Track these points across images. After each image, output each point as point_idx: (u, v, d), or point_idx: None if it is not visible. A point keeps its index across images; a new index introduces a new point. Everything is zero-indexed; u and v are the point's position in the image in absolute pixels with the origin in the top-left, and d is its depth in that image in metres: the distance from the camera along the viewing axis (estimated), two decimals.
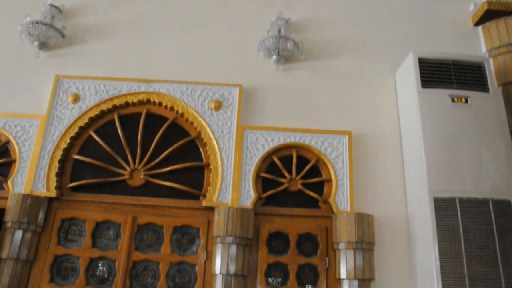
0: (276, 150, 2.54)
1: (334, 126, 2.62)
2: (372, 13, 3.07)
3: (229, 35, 2.93)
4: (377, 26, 3.02)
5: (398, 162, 2.61)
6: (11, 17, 2.99)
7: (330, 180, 2.48)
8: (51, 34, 2.81)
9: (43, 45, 2.83)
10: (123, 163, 2.54)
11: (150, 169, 2.54)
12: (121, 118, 2.64)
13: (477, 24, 3.08)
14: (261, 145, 2.52)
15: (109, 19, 2.98)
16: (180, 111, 2.62)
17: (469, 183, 2.33)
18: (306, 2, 3.07)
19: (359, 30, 2.99)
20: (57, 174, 2.50)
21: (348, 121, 2.65)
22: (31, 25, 2.77)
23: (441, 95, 2.53)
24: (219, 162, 2.49)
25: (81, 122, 2.61)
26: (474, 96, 2.53)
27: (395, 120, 2.71)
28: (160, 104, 2.66)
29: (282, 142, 2.54)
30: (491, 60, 2.94)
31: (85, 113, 2.64)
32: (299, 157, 2.54)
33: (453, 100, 2.52)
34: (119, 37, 2.93)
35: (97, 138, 2.58)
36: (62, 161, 2.54)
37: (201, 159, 2.56)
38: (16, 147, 2.58)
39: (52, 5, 2.89)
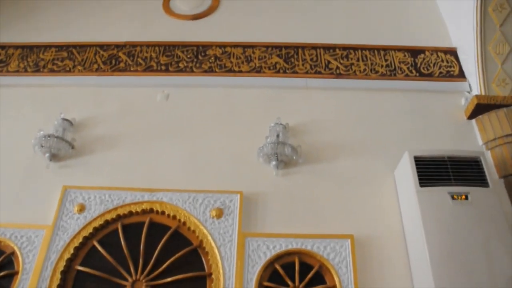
0: (278, 257, 2.52)
1: (336, 229, 2.62)
2: (366, 114, 3.20)
3: (229, 143, 3.04)
4: (372, 127, 3.12)
5: (404, 264, 2.55)
6: (26, 130, 3.16)
7: (334, 287, 2.43)
8: (62, 146, 2.95)
9: (54, 157, 2.96)
10: (125, 274, 2.54)
11: (152, 279, 2.52)
12: (124, 227, 2.68)
13: (470, 117, 3.16)
14: (262, 253, 2.52)
15: (115, 131, 3.14)
16: (182, 220, 2.66)
17: (482, 280, 2.25)
18: (303, 107, 3.22)
19: (355, 131, 3.10)
20: (59, 286, 2.49)
21: (350, 224, 2.65)
22: (43, 138, 2.92)
23: (440, 193, 2.53)
24: (221, 271, 2.47)
25: (86, 232, 2.65)
26: (474, 192, 2.53)
27: (398, 220, 2.70)
28: (163, 213, 2.70)
29: (284, 248, 2.53)
30: (488, 153, 2.98)
31: (89, 223, 2.69)
32: (302, 264, 2.51)
33: (452, 197, 2.52)
34: (124, 148, 3.06)
35: (100, 249, 2.61)
36: (64, 273, 2.54)
37: (203, 268, 2.54)
38: (20, 258, 2.59)
39: (64, 119, 3.07)
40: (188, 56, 3.50)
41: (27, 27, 3.94)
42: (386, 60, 3.47)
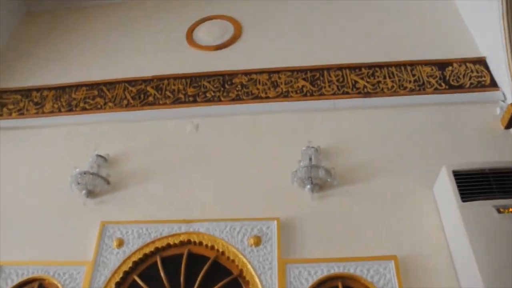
0: (320, 283, 2.45)
1: (378, 251, 2.54)
2: (398, 131, 3.14)
3: (261, 169, 3.02)
4: (405, 143, 3.06)
5: (452, 282, 2.44)
6: (62, 168, 3.23)
7: None
8: (97, 182, 3.00)
9: (90, 193, 3.00)
10: None
11: None
12: (163, 260, 2.67)
13: (507, 127, 3.07)
14: (304, 279, 2.46)
15: (148, 164, 3.17)
16: (220, 250, 2.63)
17: None
18: (332, 128, 3.20)
19: (388, 149, 3.04)
20: None
21: (392, 244, 2.58)
22: (79, 176, 2.98)
23: (484, 207, 2.43)
24: None
25: (126, 267, 2.66)
26: None
27: (442, 237, 2.60)
28: (200, 243, 2.69)
29: (325, 273, 2.46)
30: None
31: (129, 258, 2.69)
32: None
33: (498, 211, 2.42)
34: (158, 180, 3.08)
35: (141, 283, 2.60)
36: None
37: None
38: None
39: (98, 155, 3.13)
40: (215, 86, 3.54)
41: (59, 69, 4.08)
42: (413, 75, 3.43)
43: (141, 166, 3.18)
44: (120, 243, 2.76)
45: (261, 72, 3.58)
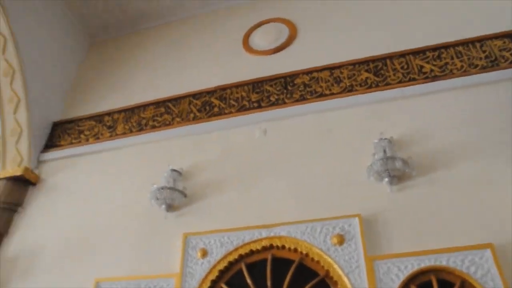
0: (412, 278, 2.35)
1: (471, 240, 2.40)
2: (472, 112, 2.95)
3: (334, 166, 2.96)
4: (482, 124, 2.86)
5: None
6: (140, 186, 3.37)
7: None
8: (175, 196, 3.09)
9: (169, 207, 3.10)
10: None
11: None
12: (248, 267, 2.69)
13: None
14: (394, 275, 2.38)
15: (221, 174, 3.22)
16: (304, 251, 2.61)
17: None
18: (403, 117, 3.07)
19: (464, 132, 2.87)
20: None
21: (484, 231, 2.42)
22: (158, 191, 3.08)
23: None
24: None
25: (212, 276, 2.71)
26: None
27: None
28: (283, 247, 2.68)
29: (416, 267, 2.36)
30: None
31: (214, 267, 2.74)
32: (440, 281, 2.32)
33: None
34: (233, 188, 3.12)
35: None
36: None
37: None
38: None
39: (173, 170, 3.22)
40: (278, 89, 3.54)
41: (126, 91, 4.28)
42: (484, 52, 3.23)
43: (215, 175, 3.24)
44: (204, 253, 2.82)
45: (322, 69, 3.53)
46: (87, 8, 4.87)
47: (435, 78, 3.21)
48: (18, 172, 3.91)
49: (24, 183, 3.97)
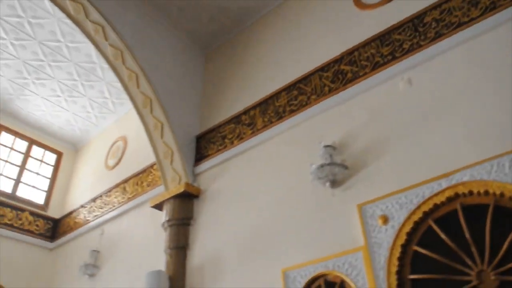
0: None
1: None
2: None
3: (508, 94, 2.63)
4: None
5: None
6: (298, 171, 3.39)
7: None
8: (337, 171, 3.03)
9: (334, 183, 3.05)
10: (470, 263, 2.32)
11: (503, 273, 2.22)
12: (436, 222, 2.52)
13: None
14: None
15: (375, 136, 3.09)
16: (497, 192, 2.33)
17: None
18: None
19: None
20: None
21: None
22: (318, 170, 3.05)
23: None
24: None
25: (401, 241, 2.59)
26: None
27: None
28: (470, 193, 2.45)
29: None
30: None
31: (400, 231, 2.62)
32: None
33: None
34: (395, 147, 2.95)
35: (423, 251, 2.49)
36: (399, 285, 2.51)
37: None
38: (352, 285, 2.70)
39: (326, 146, 3.16)
40: (408, 34, 3.27)
41: (251, 86, 4.38)
42: None
43: (370, 140, 3.10)
44: (385, 220, 2.72)
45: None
46: (194, 23, 5.09)
47: None
48: (180, 189, 4.24)
49: (188, 198, 4.29)
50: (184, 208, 4.25)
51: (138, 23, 4.68)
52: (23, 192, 6.83)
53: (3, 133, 7.02)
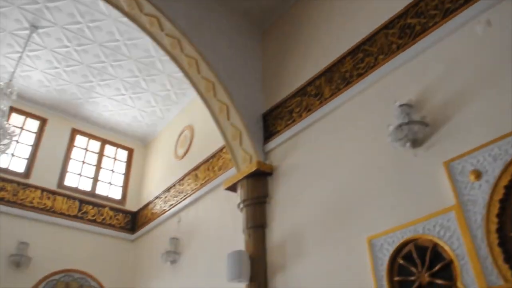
0: None
1: None
2: None
3: None
4: None
5: None
6: (374, 135, 3.23)
7: None
8: (416, 129, 2.84)
9: (415, 143, 2.86)
10: None
11: None
12: None
13: None
14: None
15: (458, 88, 2.83)
16: None
17: None
18: None
19: None
20: (506, 260, 2.25)
21: None
22: (396, 131, 2.87)
23: None
24: None
25: (498, 195, 2.37)
26: None
27: None
28: None
29: None
30: None
31: (496, 185, 2.39)
32: None
33: None
34: (481, 97, 2.68)
35: None
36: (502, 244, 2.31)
37: None
38: (447, 247, 2.52)
39: (401, 105, 2.95)
40: None
41: (314, 55, 4.23)
42: None
43: (451, 92, 2.86)
44: (478, 175, 2.50)
45: None
46: (248, 2, 5.01)
47: None
48: (252, 168, 4.21)
49: (261, 176, 4.25)
50: (258, 187, 4.23)
51: (191, 9, 4.68)
52: (101, 189, 7.21)
53: (78, 136, 7.40)
